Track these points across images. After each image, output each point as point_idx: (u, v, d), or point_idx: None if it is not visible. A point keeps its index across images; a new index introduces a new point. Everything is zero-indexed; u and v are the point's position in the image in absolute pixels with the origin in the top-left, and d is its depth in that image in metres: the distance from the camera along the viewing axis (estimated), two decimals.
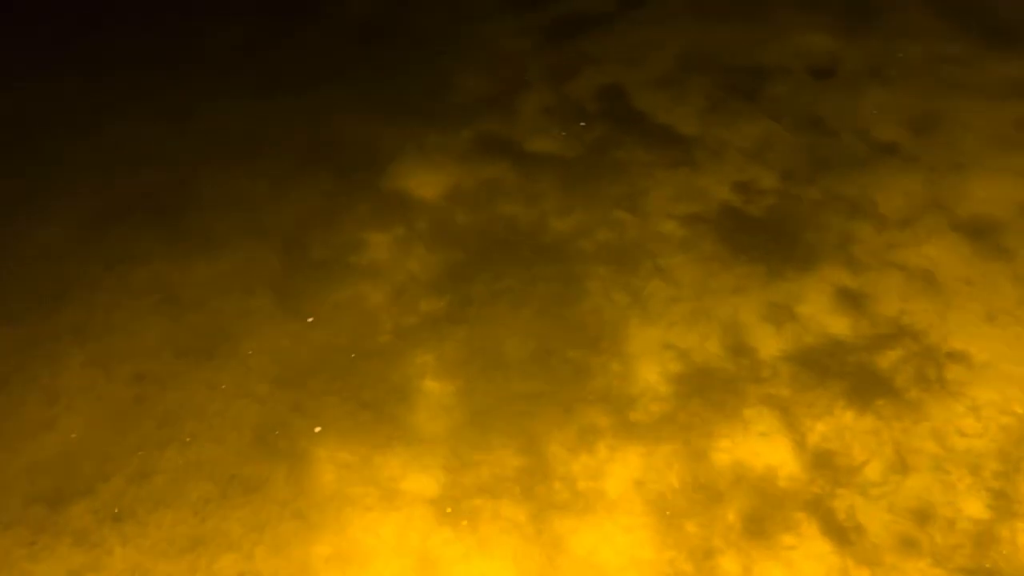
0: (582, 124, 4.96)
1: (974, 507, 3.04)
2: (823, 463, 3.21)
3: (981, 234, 4.04)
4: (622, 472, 3.23)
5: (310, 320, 3.85)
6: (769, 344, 3.65)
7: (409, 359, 3.68)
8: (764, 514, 3.07)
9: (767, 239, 4.13)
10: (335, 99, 5.31)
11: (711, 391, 3.49)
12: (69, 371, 3.68)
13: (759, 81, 5.20)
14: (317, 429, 3.42)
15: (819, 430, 3.31)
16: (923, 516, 3.03)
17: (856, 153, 4.60)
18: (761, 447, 3.27)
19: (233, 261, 4.16)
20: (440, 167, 4.71)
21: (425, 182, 4.60)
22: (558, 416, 3.43)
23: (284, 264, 4.14)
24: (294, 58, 5.73)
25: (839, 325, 3.70)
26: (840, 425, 3.32)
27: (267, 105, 5.27)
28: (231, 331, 3.81)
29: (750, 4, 5.97)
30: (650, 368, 3.59)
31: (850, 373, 3.51)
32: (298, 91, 5.39)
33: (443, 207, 4.44)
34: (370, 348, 3.73)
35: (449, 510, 3.14)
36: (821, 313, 3.76)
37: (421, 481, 3.24)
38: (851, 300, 3.80)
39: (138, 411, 3.51)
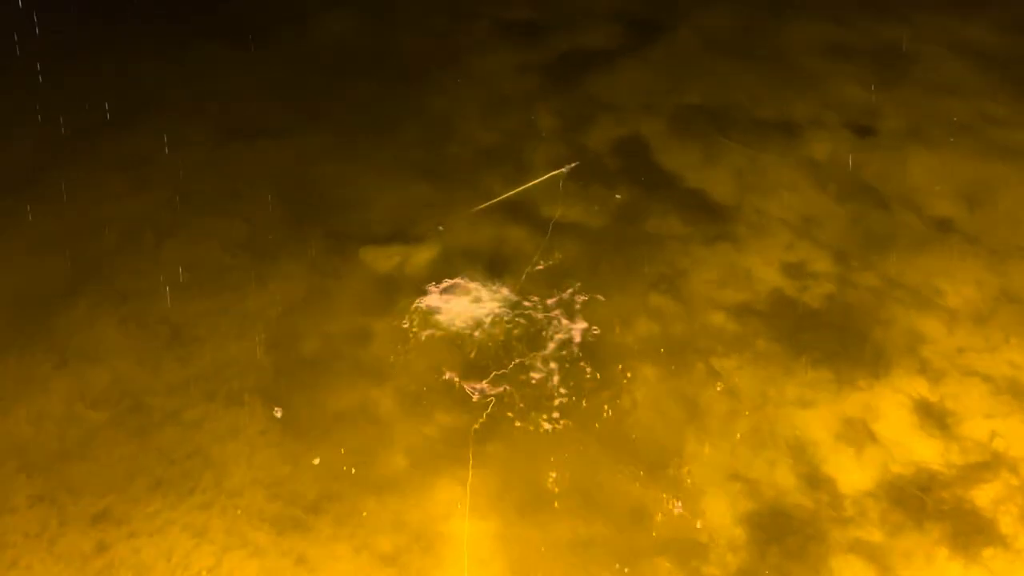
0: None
1: None
2: None
3: None
4: None
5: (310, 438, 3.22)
6: (850, 473, 3.17)
7: (430, 493, 3.08)
8: None
9: (830, 337, 3.64)
10: (315, 147, 4.65)
11: (790, 535, 2.99)
12: (15, 514, 2.97)
13: (794, 137, 4.72)
14: None
15: None
16: None
17: (911, 230, 4.16)
18: None
19: (212, 360, 3.49)
20: (444, 235, 4.10)
21: (428, 255, 3.99)
22: (617, 572, 2.88)
23: (273, 362, 3.48)
24: (262, 95, 5.03)
25: (926, 450, 3.23)
26: None
27: (238, 154, 4.57)
28: (214, 456, 3.15)
29: (770, 45, 5.50)
30: (718, 506, 3.06)
31: (948, 513, 3.04)
32: (273, 135, 4.70)
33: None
34: (382, 478, 3.11)
35: None
36: (903, 433, 3.29)
37: None
38: (934, 417, 3.34)
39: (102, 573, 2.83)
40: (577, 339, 3.60)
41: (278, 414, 3.26)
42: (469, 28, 5.72)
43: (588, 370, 3.47)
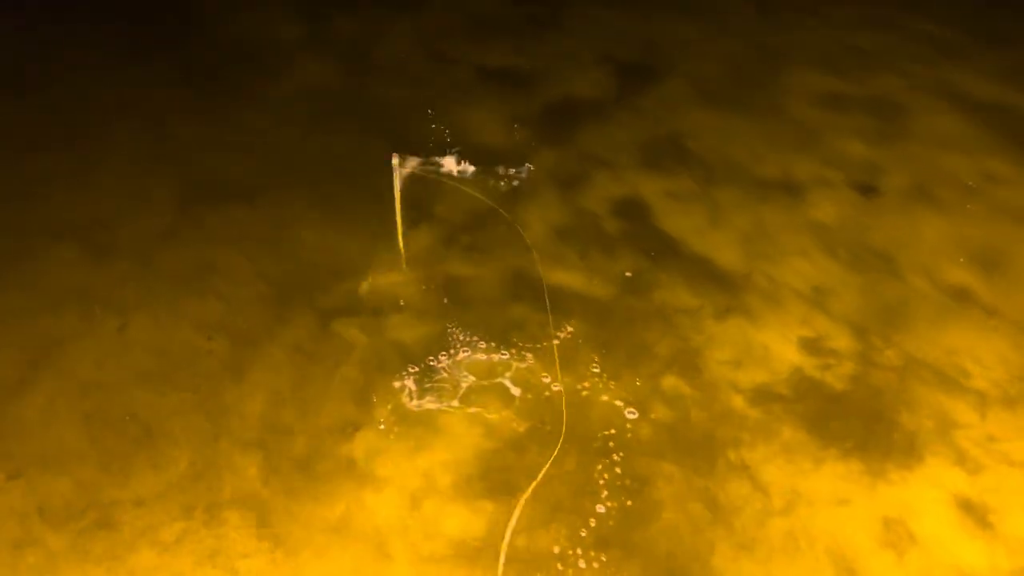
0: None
1: None
2: None
3: None
4: None
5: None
6: None
7: None
8: None
9: (857, 423, 3.42)
10: (294, 207, 4.29)
11: None
12: None
13: (798, 198, 4.53)
14: None
15: None
16: None
17: (928, 300, 3.98)
18: None
19: (189, 466, 3.11)
20: (435, 310, 3.78)
21: (421, 331, 3.67)
22: None
23: (257, 466, 3.12)
24: (230, 149, 4.66)
25: (972, 554, 3.02)
26: None
27: (206, 218, 4.19)
28: None
29: (764, 95, 5.32)
30: None
31: None
32: (247, 196, 4.33)
33: None
34: None
35: None
36: (945, 533, 3.07)
37: None
38: (975, 515, 3.13)
39: None
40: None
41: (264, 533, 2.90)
42: (452, 76, 5.43)
43: (615, 467, 3.18)
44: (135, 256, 3.94)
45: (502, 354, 3.58)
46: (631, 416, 3.37)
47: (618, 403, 3.42)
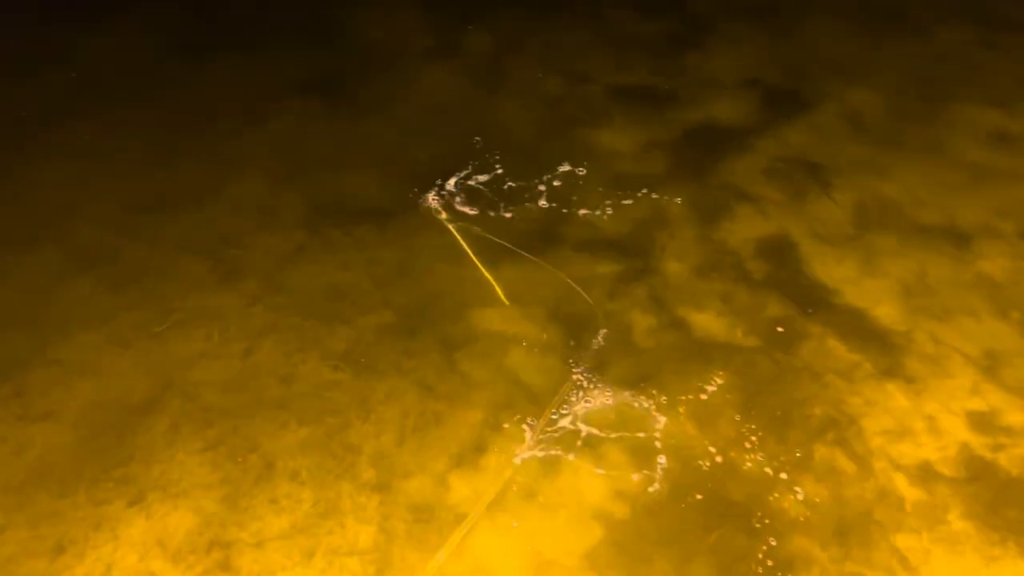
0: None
1: None
2: None
3: None
4: None
5: None
6: None
7: None
8: None
9: None
10: (420, 234, 4.15)
11: None
12: None
13: (965, 248, 4.11)
14: None
15: None
16: None
17: None
18: None
19: (313, 506, 3.00)
20: (564, 355, 3.58)
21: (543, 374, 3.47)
22: None
23: (379, 508, 2.98)
24: (353, 166, 4.57)
25: None
26: None
27: (334, 241, 4.11)
28: None
29: (925, 132, 4.89)
30: None
31: None
32: (374, 217, 4.23)
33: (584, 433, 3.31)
34: None
35: None
36: None
37: None
38: None
39: None
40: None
41: None
42: (583, 95, 5.21)
43: (760, 544, 2.90)
44: (258, 275, 3.88)
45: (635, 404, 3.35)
46: (778, 491, 3.08)
47: (767, 471, 3.13)
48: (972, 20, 5.86)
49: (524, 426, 3.25)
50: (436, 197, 4.32)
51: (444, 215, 4.21)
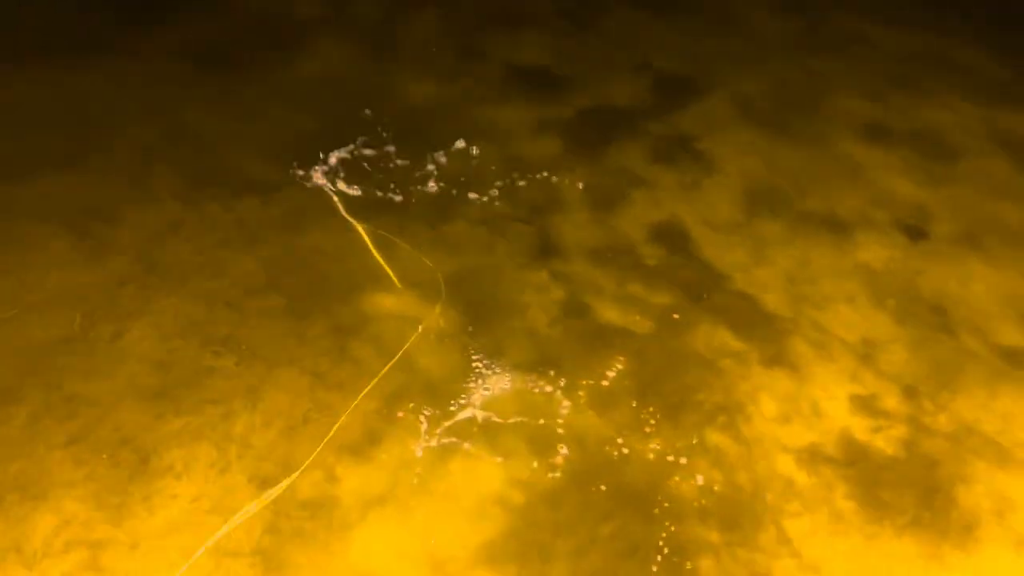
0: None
1: None
2: None
3: None
4: None
5: None
6: None
7: None
8: None
9: (910, 496, 3.20)
10: (307, 212, 3.95)
11: None
12: None
13: (844, 238, 4.28)
14: None
15: None
16: None
17: (980, 361, 3.76)
18: None
19: (190, 501, 2.79)
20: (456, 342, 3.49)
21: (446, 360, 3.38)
22: None
23: (270, 508, 2.81)
24: (245, 134, 4.30)
25: None
26: None
27: (221, 216, 3.84)
28: None
29: (807, 121, 5.05)
30: None
31: None
32: (258, 191, 3.98)
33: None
34: None
35: None
36: None
37: None
38: None
39: None
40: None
41: None
42: (479, 71, 5.09)
43: (660, 531, 2.92)
44: (134, 253, 3.58)
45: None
46: (675, 477, 3.11)
47: (663, 457, 3.16)
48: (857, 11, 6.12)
49: (420, 417, 3.14)
50: (322, 174, 4.11)
51: (332, 194, 4.02)
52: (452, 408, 3.18)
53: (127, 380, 3.09)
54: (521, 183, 4.31)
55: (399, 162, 4.27)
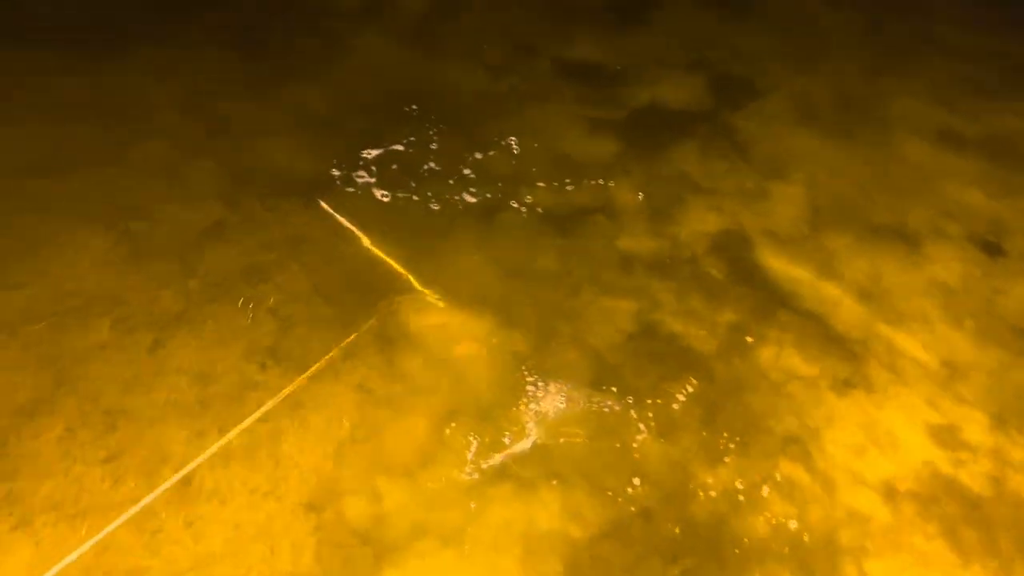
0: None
1: None
2: None
3: None
4: None
5: None
6: None
7: None
8: None
9: (1001, 537, 2.96)
10: (359, 214, 3.77)
11: None
12: None
13: (916, 252, 4.03)
14: None
15: None
16: None
17: None
18: None
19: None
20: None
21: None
22: None
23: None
24: (284, 134, 4.12)
25: None
26: None
27: (260, 215, 3.67)
28: None
29: (873, 125, 4.80)
30: None
31: None
32: (301, 193, 3.80)
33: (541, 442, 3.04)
34: None
35: None
36: None
37: None
38: None
39: None
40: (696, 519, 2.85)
41: None
42: (529, 69, 4.88)
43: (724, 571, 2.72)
44: (174, 256, 3.42)
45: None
46: (745, 513, 2.90)
47: (738, 490, 2.95)
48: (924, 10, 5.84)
49: (472, 438, 2.96)
50: (365, 174, 3.92)
51: (376, 194, 3.83)
52: (505, 431, 2.99)
53: (167, 393, 2.92)
54: (571, 187, 4.10)
55: (445, 162, 4.08)
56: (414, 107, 4.40)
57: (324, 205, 3.50)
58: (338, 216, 3.52)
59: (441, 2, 5.25)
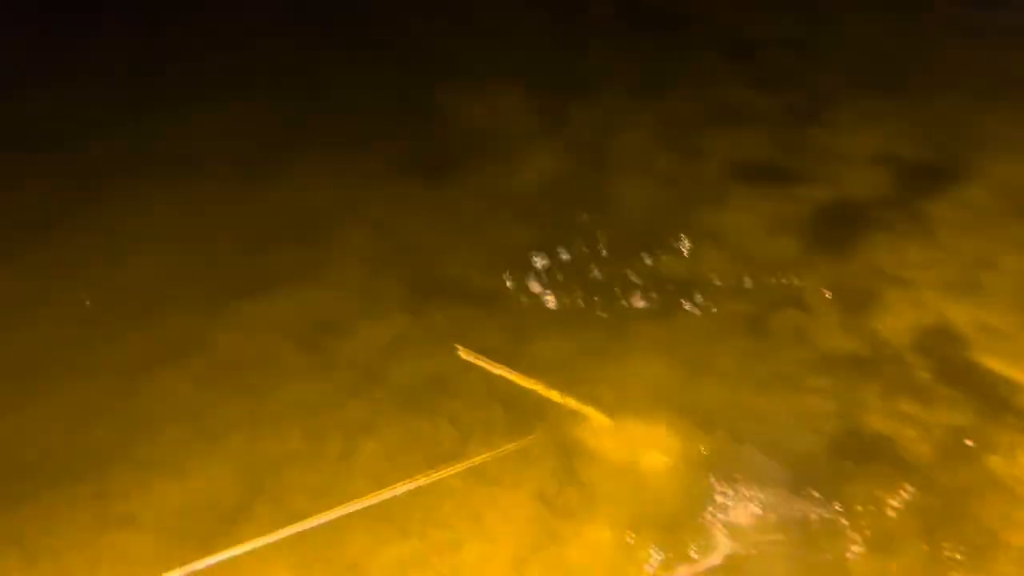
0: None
1: None
2: None
3: None
4: None
5: None
6: None
7: None
8: None
9: None
10: (532, 321, 3.78)
11: None
12: None
13: None
14: None
15: None
16: None
17: None
18: None
19: None
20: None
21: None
22: None
23: None
24: (465, 241, 4.26)
25: None
26: None
27: (442, 323, 3.77)
28: None
29: None
30: None
31: None
32: (482, 299, 3.88)
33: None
34: None
35: None
36: None
37: None
38: None
39: None
40: None
41: None
42: (699, 171, 4.84)
43: None
44: (362, 368, 3.54)
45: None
46: None
47: None
48: None
49: (659, 552, 2.76)
50: (537, 283, 3.95)
51: (547, 302, 3.84)
52: (694, 546, 2.77)
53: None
54: (752, 286, 3.92)
55: (617, 268, 4.04)
56: (584, 216, 4.43)
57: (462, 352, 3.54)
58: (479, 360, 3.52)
59: (611, 121, 5.35)
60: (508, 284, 3.98)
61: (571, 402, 3.30)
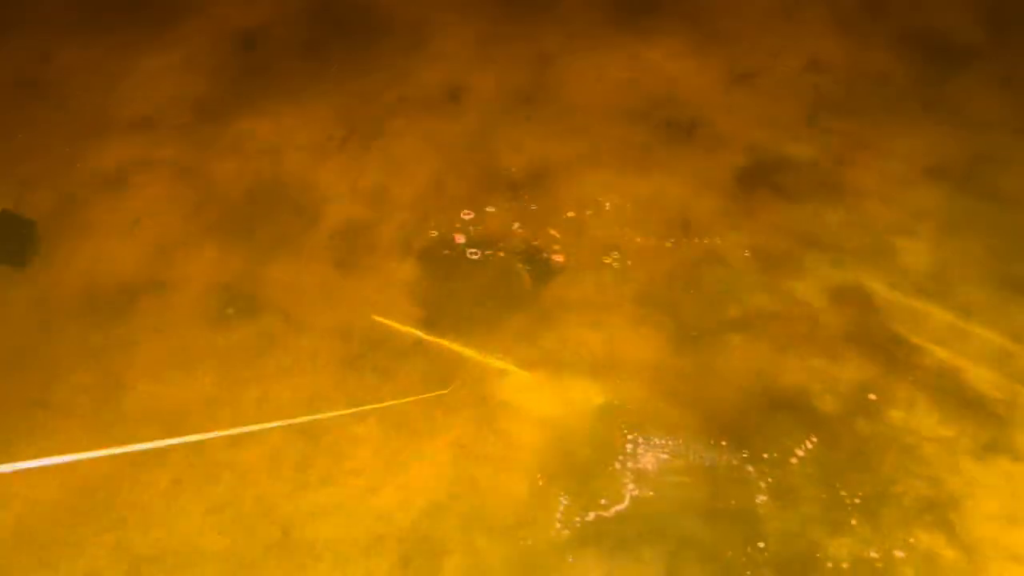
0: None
1: None
2: None
3: None
4: None
5: None
6: None
7: None
8: None
9: None
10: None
11: None
12: None
13: None
14: None
15: None
16: None
17: None
18: None
19: None
20: None
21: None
22: None
23: None
24: None
25: None
26: None
27: None
28: None
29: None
30: None
31: None
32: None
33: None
34: None
35: None
36: None
37: None
38: None
39: None
40: None
41: None
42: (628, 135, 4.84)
43: None
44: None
45: None
46: None
47: (870, 563, 2.68)
48: None
49: (565, 497, 2.83)
50: None
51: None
52: (604, 504, 2.85)
53: (272, 448, 2.95)
54: (673, 245, 3.98)
55: (541, 227, 4.05)
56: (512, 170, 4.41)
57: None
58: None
59: None
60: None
61: (491, 359, 3.33)
